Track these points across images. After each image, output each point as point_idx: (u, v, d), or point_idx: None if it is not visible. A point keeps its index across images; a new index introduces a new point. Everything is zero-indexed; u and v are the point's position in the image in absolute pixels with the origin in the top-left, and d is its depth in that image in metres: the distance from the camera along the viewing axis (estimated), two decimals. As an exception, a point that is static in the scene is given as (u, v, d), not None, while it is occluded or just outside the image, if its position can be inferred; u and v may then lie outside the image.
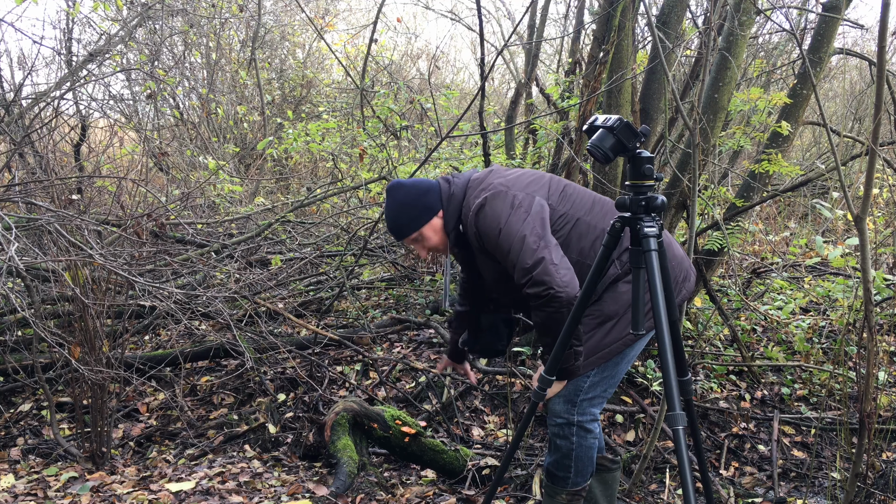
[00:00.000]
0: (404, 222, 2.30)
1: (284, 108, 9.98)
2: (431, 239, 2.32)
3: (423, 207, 2.29)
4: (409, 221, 2.30)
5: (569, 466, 2.31)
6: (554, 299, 2.00)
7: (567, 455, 2.29)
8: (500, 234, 2.12)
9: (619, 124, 1.68)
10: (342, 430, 3.14)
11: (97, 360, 3.05)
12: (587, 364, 2.18)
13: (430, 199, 2.30)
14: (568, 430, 2.24)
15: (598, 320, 2.18)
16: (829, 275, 5.45)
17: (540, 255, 2.03)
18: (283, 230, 5.71)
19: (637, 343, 2.23)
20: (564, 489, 2.33)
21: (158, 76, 6.85)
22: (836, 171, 2.60)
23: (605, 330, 2.18)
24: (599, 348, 2.18)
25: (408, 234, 2.31)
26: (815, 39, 3.92)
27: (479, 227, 2.19)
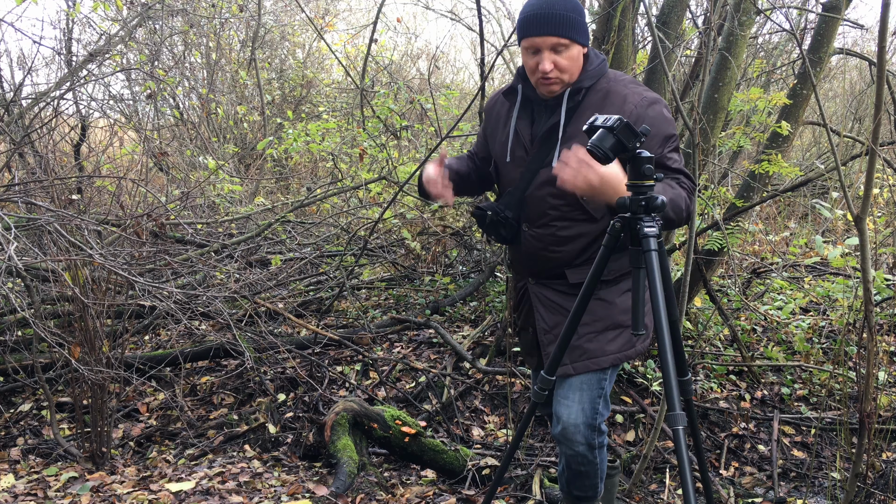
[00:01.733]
0: (574, 17, 1.97)
1: (284, 108, 9.98)
2: (572, 59, 1.99)
3: (586, 26, 2.03)
4: (576, 22, 1.98)
5: (596, 484, 2.29)
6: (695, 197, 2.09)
7: (594, 475, 2.25)
8: (670, 139, 2.03)
9: (619, 124, 1.68)
10: (342, 430, 3.14)
11: (97, 360, 3.05)
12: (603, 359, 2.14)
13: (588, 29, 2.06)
14: (591, 454, 2.19)
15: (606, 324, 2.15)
16: (829, 275, 5.45)
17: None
18: (283, 230, 5.71)
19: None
20: (595, 501, 2.35)
21: (158, 76, 6.84)
22: (836, 171, 2.60)
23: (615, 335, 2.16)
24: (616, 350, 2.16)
25: (565, 31, 1.96)
26: (815, 39, 3.92)
27: (649, 116, 1.99)
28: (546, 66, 1.97)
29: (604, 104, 2.03)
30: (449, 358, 4.22)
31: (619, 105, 2.01)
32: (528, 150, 2.13)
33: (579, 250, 2.12)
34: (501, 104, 2.24)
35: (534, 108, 2.14)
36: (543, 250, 2.15)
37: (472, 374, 4.11)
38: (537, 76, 2.02)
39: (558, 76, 2.00)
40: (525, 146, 2.13)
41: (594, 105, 2.04)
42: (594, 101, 2.04)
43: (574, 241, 2.11)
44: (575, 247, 2.12)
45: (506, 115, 2.21)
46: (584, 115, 2.02)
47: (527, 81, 2.11)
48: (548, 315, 2.20)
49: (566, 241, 2.11)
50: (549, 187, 2.05)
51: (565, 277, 2.17)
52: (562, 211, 2.09)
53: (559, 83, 2.03)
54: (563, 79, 2.02)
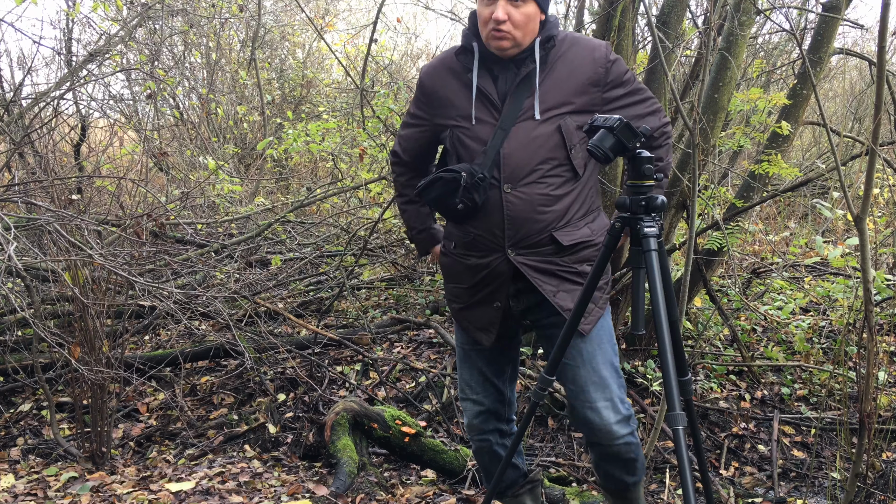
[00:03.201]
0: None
1: (284, 108, 9.98)
2: (527, 16, 1.94)
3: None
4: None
5: (643, 461, 2.17)
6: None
7: (640, 453, 2.14)
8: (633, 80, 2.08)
9: (619, 124, 1.68)
10: (342, 430, 3.14)
11: (97, 360, 3.05)
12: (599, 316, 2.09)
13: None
14: (634, 437, 2.10)
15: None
16: (829, 275, 5.45)
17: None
18: (283, 230, 5.71)
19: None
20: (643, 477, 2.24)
21: (158, 76, 6.84)
22: (836, 171, 2.60)
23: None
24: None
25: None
26: (815, 39, 3.92)
27: (608, 61, 2.03)
28: (500, 15, 1.89)
29: (573, 53, 2.02)
30: (449, 358, 4.21)
31: (589, 52, 2.03)
32: (497, 106, 2.02)
33: (565, 209, 2.03)
34: (447, 70, 2.11)
35: (492, 66, 2.04)
36: (531, 212, 2.00)
37: (472, 374, 4.10)
38: (489, 28, 1.93)
39: (510, 30, 1.93)
40: (494, 103, 2.02)
41: (564, 55, 2.02)
42: (563, 51, 2.02)
43: (562, 200, 2.02)
44: (562, 205, 2.02)
45: (459, 77, 2.07)
46: (556, 65, 2.01)
47: (479, 40, 2.03)
48: (549, 279, 2.05)
49: (555, 199, 2.00)
50: (537, 139, 1.98)
51: (553, 242, 2.04)
52: (550, 165, 2.00)
53: (509, 39, 1.94)
54: (514, 35, 1.94)
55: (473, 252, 2.10)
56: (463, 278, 2.15)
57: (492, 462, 2.34)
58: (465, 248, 2.12)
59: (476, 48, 2.03)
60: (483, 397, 2.26)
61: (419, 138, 2.22)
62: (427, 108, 2.16)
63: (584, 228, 2.07)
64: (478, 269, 2.10)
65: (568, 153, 2.00)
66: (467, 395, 2.30)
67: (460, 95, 2.06)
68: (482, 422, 2.29)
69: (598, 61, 2.02)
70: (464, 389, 2.31)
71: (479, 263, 2.09)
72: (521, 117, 1.99)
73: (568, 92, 2.00)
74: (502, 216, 2.00)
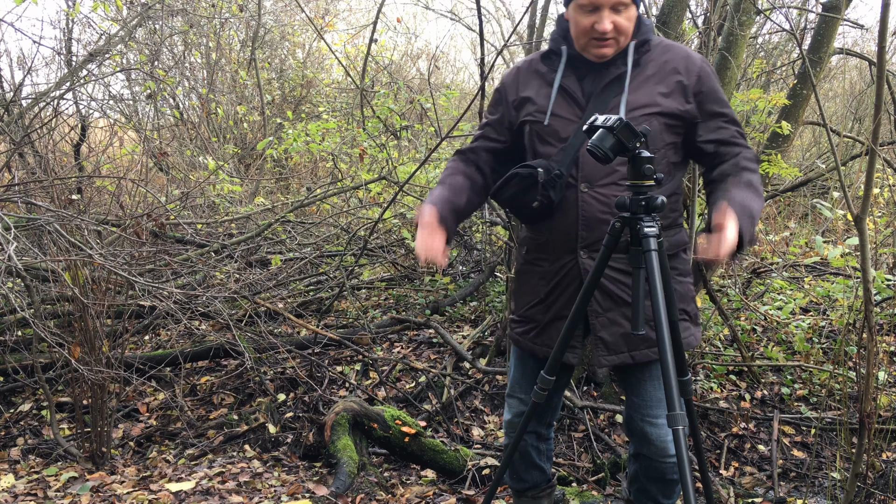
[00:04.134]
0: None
1: (284, 108, 9.98)
2: (630, 20, 1.90)
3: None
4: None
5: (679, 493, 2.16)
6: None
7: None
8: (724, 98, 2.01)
9: (619, 124, 1.67)
10: (342, 430, 3.14)
11: (97, 360, 3.05)
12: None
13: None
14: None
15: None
16: (829, 275, 5.45)
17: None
18: (283, 230, 5.71)
19: None
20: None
21: (158, 76, 6.85)
22: (836, 171, 2.60)
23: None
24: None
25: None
26: (815, 39, 3.93)
27: (703, 72, 1.97)
28: (606, 26, 1.85)
29: (666, 58, 1.97)
30: (449, 358, 4.22)
31: (682, 59, 1.97)
32: (580, 104, 1.98)
33: None
34: (530, 71, 2.08)
35: (579, 67, 2.00)
36: (606, 214, 1.92)
37: (472, 374, 4.11)
38: (590, 37, 1.89)
39: (615, 37, 1.89)
40: (577, 100, 1.98)
41: (657, 60, 1.97)
42: (656, 56, 1.98)
43: None
44: None
45: (542, 77, 2.04)
46: (647, 69, 1.96)
47: (568, 44, 1.99)
48: (602, 298, 1.99)
49: None
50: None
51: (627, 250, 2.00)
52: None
53: (614, 45, 1.91)
54: (619, 41, 1.91)
55: (545, 255, 2.05)
56: (537, 289, 2.08)
57: (521, 462, 2.30)
58: (538, 251, 2.07)
59: (564, 52, 2.00)
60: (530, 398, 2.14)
61: (493, 132, 2.15)
62: (504, 109, 2.11)
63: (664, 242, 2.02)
64: (550, 276, 2.04)
65: (660, 156, 1.94)
66: (514, 393, 2.24)
67: (541, 93, 2.03)
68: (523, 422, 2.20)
69: (689, 69, 1.97)
70: (513, 386, 2.24)
71: (551, 269, 2.03)
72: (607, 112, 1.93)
73: (656, 95, 1.95)
74: (577, 216, 1.94)
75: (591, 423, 3.59)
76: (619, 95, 1.93)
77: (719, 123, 1.99)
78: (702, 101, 1.97)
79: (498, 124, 2.14)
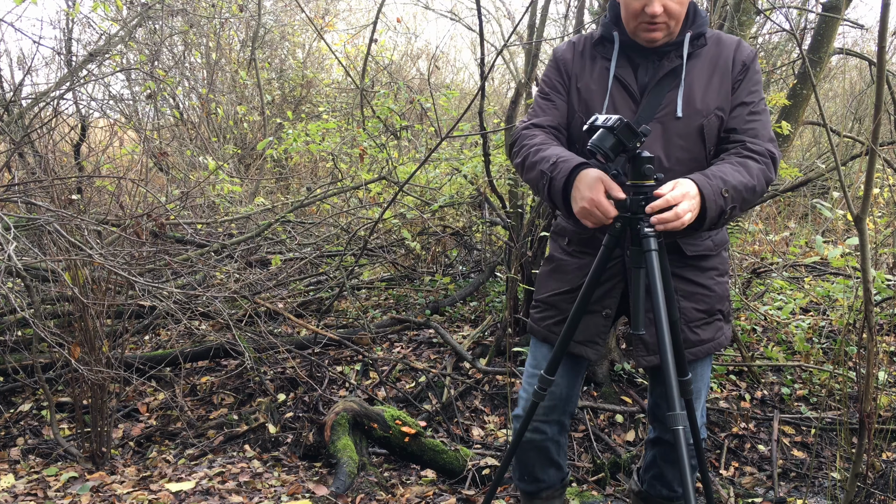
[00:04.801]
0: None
1: (284, 108, 9.98)
2: (682, 4, 1.85)
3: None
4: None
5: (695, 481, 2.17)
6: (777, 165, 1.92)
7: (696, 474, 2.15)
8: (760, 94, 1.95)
9: (619, 124, 1.67)
10: (342, 430, 3.14)
11: (97, 360, 3.05)
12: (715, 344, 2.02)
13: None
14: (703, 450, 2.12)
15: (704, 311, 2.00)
16: (829, 275, 5.45)
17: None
18: (283, 230, 5.71)
19: None
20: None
21: (158, 76, 6.84)
22: (836, 170, 2.60)
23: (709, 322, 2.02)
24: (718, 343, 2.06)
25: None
26: (815, 39, 3.93)
27: (749, 61, 1.93)
28: (656, 9, 1.80)
29: (718, 51, 1.93)
30: (449, 358, 4.22)
31: (730, 49, 1.93)
32: (636, 98, 1.92)
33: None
34: (585, 56, 2.01)
35: (632, 55, 1.95)
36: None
37: (472, 374, 4.11)
38: (640, 20, 1.84)
39: (665, 21, 1.84)
40: (633, 94, 1.92)
41: (710, 52, 1.93)
42: (711, 49, 1.94)
43: None
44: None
45: (595, 63, 1.98)
46: (701, 61, 1.92)
47: (620, 29, 1.95)
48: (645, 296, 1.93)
49: None
50: (675, 137, 1.88)
51: (677, 251, 1.95)
52: (687, 167, 1.88)
53: (664, 29, 1.86)
54: (669, 25, 1.85)
55: (591, 249, 1.98)
56: (571, 279, 2.02)
57: (537, 458, 2.21)
58: (583, 244, 2.02)
59: (617, 38, 1.94)
60: (559, 380, 2.09)
61: (560, 108, 2.04)
62: (564, 82, 2.02)
63: (708, 241, 1.99)
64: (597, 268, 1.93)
65: (707, 156, 1.91)
66: (536, 374, 2.12)
67: (597, 82, 1.96)
68: (546, 411, 2.13)
69: (737, 59, 1.93)
70: (533, 375, 2.13)
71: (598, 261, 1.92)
72: (660, 112, 1.90)
73: (712, 91, 1.91)
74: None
75: (591, 423, 3.59)
76: (675, 90, 1.89)
77: (741, 112, 1.94)
78: (736, 89, 1.93)
79: (561, 104, 2.04)
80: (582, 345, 2.04)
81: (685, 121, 1.88)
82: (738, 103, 1.93)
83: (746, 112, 1.93)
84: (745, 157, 1.87)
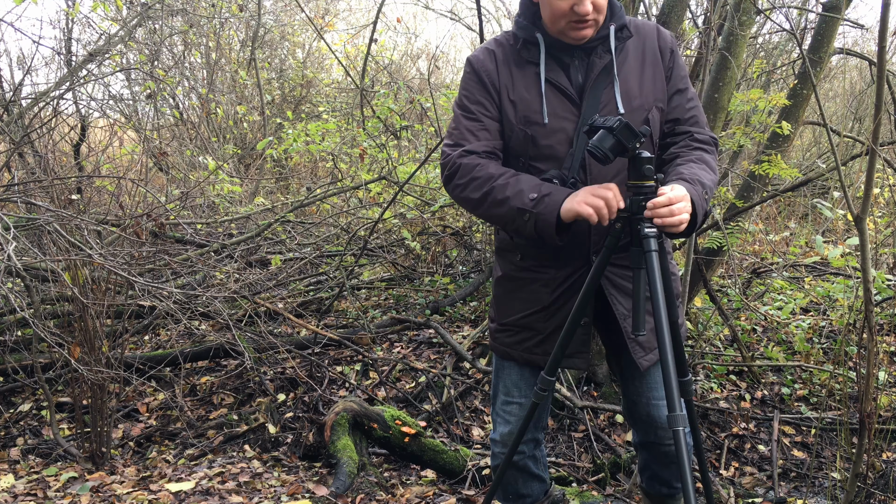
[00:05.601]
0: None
1: (284, 108, 9.98)
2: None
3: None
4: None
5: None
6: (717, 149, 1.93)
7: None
8: (687, 78, 1.95)
9: (618, 125, 1.67)
10: (342, 430, 3.14)
11: (97, 360, 3.05)
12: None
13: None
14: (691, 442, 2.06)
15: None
16: (829, 275, 5.45)
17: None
18: (283, 230, 5.71)
19: None
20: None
21: (158, 76, 6.85)
22: (836, 170, 2.60)
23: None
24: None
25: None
26: (815, 39, 3.92)
27: (673, 46, 1.92)
28: (587, 7, 1.75)
29: (641, 40, 1.91)
30: (449, 358, 4.22)
31: (653, 37, 1.92)
32: (575, 101, 1.85)
33: None
34: (509, 64, 1.90)
35: (559, 56, 1.88)
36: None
37: (472, 374, 4.11)
38: (568, 20, 1.78)
39: (595, 18, 1.79)
40: (570, 97, 1.85)
41: (634, 42, 1.90)
42: (633, 38, 1.91)
43: None
44: None
45: (521, 68, 1.89)
46: (630, 55, 1.89)
47: (541, 29, 1.87)
48: (625, 299, 1.92)
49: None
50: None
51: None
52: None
53: (594, 26, 1.81)
54: (598, 21, 1.81)
55: (550, 263, 1.92)
56: (539, 297, 1.95)
57: (519, 477, 2.20)
58: (540, 258, 1.94)
59: (541, 39, 1.86)
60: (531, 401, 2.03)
61: (491, 129, 1.91)
62: (492, 98, 1.91)
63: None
64: (556, 284, 1.92)
65: (654, 149, 1.89)
66: (513, 399, 2.08)
67: (528, 89, 1.87)
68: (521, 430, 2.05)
69: (663, 48, 1.92)
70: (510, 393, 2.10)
71: (558, 276, 1.91)
72: (601, 112, 1.83)
73: (647, 83, 1.88)
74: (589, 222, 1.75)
75: (591, 423, 3.59)
76: (611, 87, 1.84)
77: (680, 101, 1.93)
78: (670, 77, 1.93)
79: (491, 123, 1.91)
80: (569, 358, 1.97)
81: (628, 116, 1.81)
82: (674, 91, 1.93)
83: (685, 100, 1.93)
84: (698, 149, 1.88)
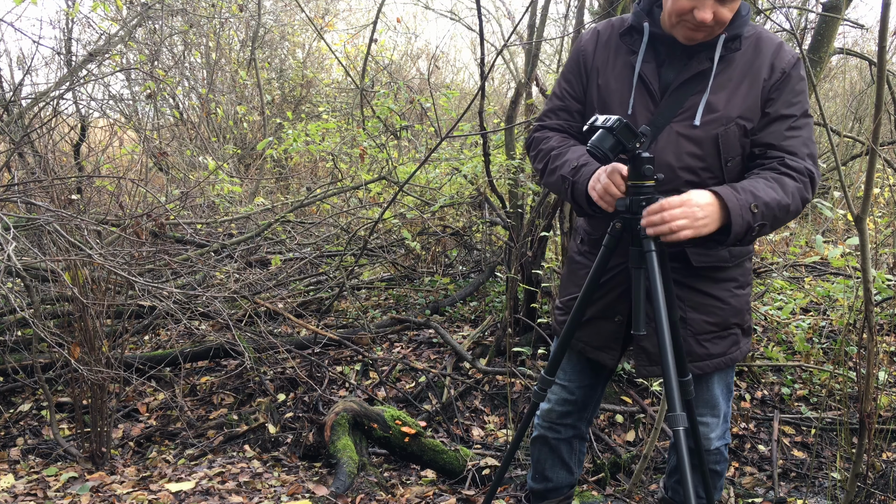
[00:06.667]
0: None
1: (284, 108, 9.98)
2: (734, 11, 1.72)
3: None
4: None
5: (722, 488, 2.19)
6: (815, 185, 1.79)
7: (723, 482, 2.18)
8: (802, 106, 1.80)
9: (618, 125, 1.66)
10: (342, 430, 3.14)
11: (97, 360, 3.05)
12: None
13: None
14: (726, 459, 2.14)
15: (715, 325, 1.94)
16: (829, 275, 5.45)
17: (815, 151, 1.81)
18: (283, 230, 5.71)
19: None
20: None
21: (158, 76, 6.85)
22: (836, 170, 2.60)
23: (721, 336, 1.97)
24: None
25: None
26: (815, 39, 3.92)
27: (792, 74, 1.78)
28: (707, 16, 1.67)
29: (756, 55, 1.79)
30: (449, 358, 4.22)
31: (768, 53, 1.79)
32: (655, 98, 1.81)
33: None
34: (610, 46, 1.88)
35: (659, 49, 1.83)
36: None
37: (472, 374, 4.11)
38: (684, 21, 1.72)
39: (712, 27, 1.71)
40: (653, 94, 1.82)
41: (745, 56, 1.80)
42: (746, 53, 1.80)
43: None
44: None
45: (621, 58, 1.86)
46: (732, 66, 1.79)
47: (651, 19, 1.82)
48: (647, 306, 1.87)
49: None
50: (688, 144, 1.78)
51: (684, 258, 1.86)
52: (698, 176, 1.79)
53: (708, 33, 1.74)
54: (714, 31, 1.73)
55: (598, 250, 1.90)
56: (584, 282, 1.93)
57: (549, 457, 2.23)
58: (592, 244, 1.98)
59: (647, 29, 1.82)
60: (576, 387, 2.10)
61: (571, 110, 1.98)
62: (581, 80, 1.94)
63: (724, 251, 1.88)
64: (600, 272, 1.90)
65: (722, 166, 1.80)
66: (558, 379, 2.12)
67: (620, 78, 1.86)
68: (561, 416, 2.15)
69: (775, 70, 1.79)
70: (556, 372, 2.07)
71: (602, 266, 1.89)
72: (678, 117, 1.80)
73: (738, 99, 1.78)
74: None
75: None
76: (699, 95, 1.78)
77: (778, 128, 1.80)
78: (772, 99, 1.79)
79: (575, 101, 1.96)
80: (598, 350, 2.01)
81: (702, 128, 1.78)
82: (776, 116, 1.79)
83: (785, 127, 1.79)
84: (781, 173, 1.76)
